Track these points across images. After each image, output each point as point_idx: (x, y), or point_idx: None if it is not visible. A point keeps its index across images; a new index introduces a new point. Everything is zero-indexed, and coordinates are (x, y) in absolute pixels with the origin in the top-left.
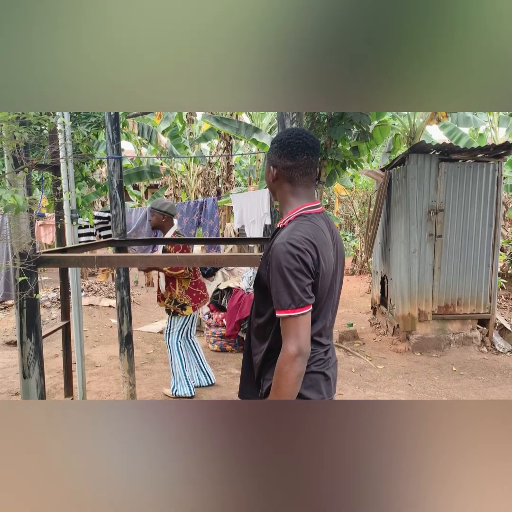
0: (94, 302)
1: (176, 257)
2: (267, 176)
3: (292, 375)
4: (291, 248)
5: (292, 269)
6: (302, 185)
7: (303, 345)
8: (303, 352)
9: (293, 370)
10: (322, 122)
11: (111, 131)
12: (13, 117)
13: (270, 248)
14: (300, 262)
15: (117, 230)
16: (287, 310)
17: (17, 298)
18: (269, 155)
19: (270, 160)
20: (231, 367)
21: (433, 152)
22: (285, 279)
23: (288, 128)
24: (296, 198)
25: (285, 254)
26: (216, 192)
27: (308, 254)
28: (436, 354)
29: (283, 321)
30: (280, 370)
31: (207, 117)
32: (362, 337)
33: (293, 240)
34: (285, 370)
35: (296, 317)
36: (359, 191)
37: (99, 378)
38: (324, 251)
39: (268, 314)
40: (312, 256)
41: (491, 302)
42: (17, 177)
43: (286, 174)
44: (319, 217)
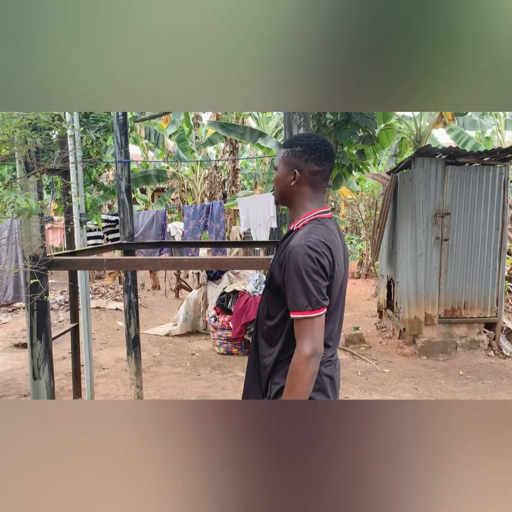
0: (101, 305)
1: (184, 260)
2: (283, 179)
3: (307, 375)
4: (309, 250)
5: (310, 271)
6: (321, 190)
7: (318, 345)
8: (318, 353)
9: (308, 370)
10: (328, 126)
11: (120, 135)
12: (26, 123)
13: (284, 250)
14: (318, 265)
15: (125, 233)
16: (304, 312)
17: (28, 300)
18: (287, 159)
19: (293, 164)
20: (237, 370)
21: (440, 156)
22: (303, 281)
23: (307, 133)
24: (311, 203)
25: (304, 256)
26: (222, 196)
27: (325, 257)
28: (443, 358)
29: (298, 322)
30: (295, 370)
31: (212, 124)
32: (368, 341)
33: (311, 243)
34: (300, 370)
35: (312, 318)
36: (365, 194)
37: (106, 380)
38: (337, 255)
39: (279, 316)
40: (328, 259)
41: (498, 305)
42: (28, 181)
43: (311, 179)
44: (331, 222)
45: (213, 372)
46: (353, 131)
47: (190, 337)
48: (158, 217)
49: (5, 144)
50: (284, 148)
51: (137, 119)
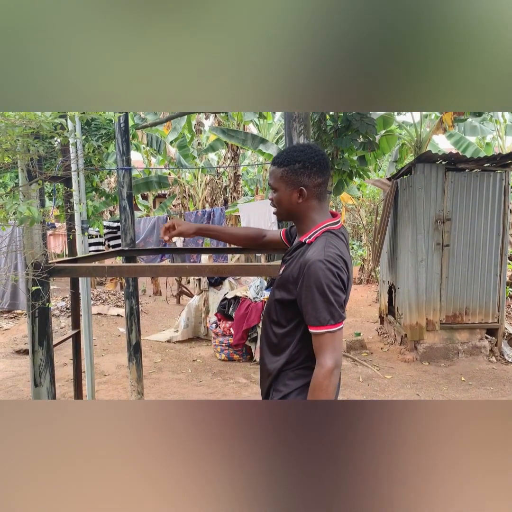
0: (103, 311)
1: (186, 267)
2: (288, 198)
3: (331, 388)
4: (330, 266)
5: (332, 286)
6: (325, 199)
7: (339, 358)
8: (339, 365)
9: (332, 383)
10: (329, 133)
11: (121, 142)
12: (28, 132)
13: (297, 263)
14: (338, 280)
15: (127, 240)
16: (326, 326)
17: (29, 307)
18: (288, 178)
19: (296, 182)
20: (239, 376)
21: (440, 162)
22: (325, 296)
23: (298, 147)
24: (319, 215)
25: (325, 271)
26: (223, 202)
27: (344, 272)
28: (444, 364)
29: (319, 337)
30: (320, 385)
31: (213, 129)
32: (370, 347)
33: (330, 257)
34: (325, 385)
35: (334, 332)
36: (366, 200)
37: (108, 387)
38: (350, 267)
39: (289, 327)
40: (346, 273)
41: (499, 311)
42: (31, 189)
43: (317, 192)
44: (341, 233)
45: (214, 378)
46: (353, 137)
47: (191, 343)
48: (160, 224)
49: (7, 152)
50: (280, 168)
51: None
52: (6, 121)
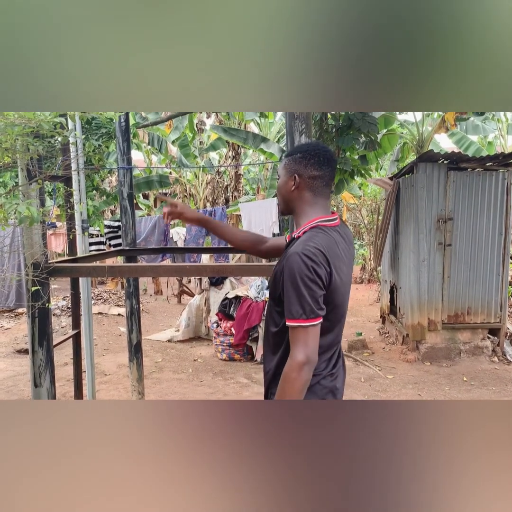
0: (103, 311)
1: (186, 267)
2: (284, 185)
3: (298, 383)
4: (305, 258)
5: (306, 279)
6: (322, 195)
7: (311, 354)
8: (311, 361)
9: (300, 378)
10: (330, 132)
11: (122, 142)
12: (28, 131)
13: (283, 257)
14: (313, 273)
15: (127, 239)
16: (298, 320)
17: (29, 307)
18: (288, 165)
19: (293, 170)
20: (240, 376)
21: (442, 161)
22: (298, 289)
23: (307, 142)
24: (313, 209)
25: (300, 264)
26: (224, 201)
27: (322, 266)
28: (446, 364)
29: (292, 330)
30: (287, 377)
31: (215, 128)
32: (371, 347)
33: (307, 251)
34: (292, 377)
35: (306, 327)
36: (367, 199)
37: (108, 387)
38: (337, 264)
39: (281, 324)
40: (326, 269)
41: (501, 311)
42: (30, 188)
43: (310, 184)
44: (334, 230)
45: (215, 378)
46: (355, 136)
47: (192, 343)
48: (161, 223)
49: (7, 151)
50: (285, 158)
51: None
52: (5, 120)
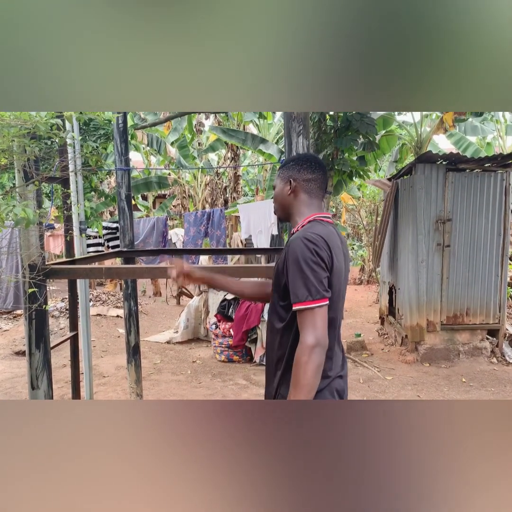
0: (102, 312)
1: None
2: (281, 191)
3: (311, 366)
4: (307, 242)
5: (308, 261)
6: (317, 197)
7: (321, 335)
8: (321, 343)
9: (311, 360)
10: (329, 133)
11: (120, 143)
12: (24, 132)
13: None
14: (316, 255)
15: (125, 241)
16: (304, 302)
17: (26, 309)
18: (283, 174)
19: (287, 176)
20: (238, 378)
21: (440, 162)
22: (302, 271)
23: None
24: (309, 209)
25: (302, 248)
26: (223, 202)
27: (323, 249)
28: (445, 365)
29: (300, 314)
30: (298, 361)
31: (213, 129)
32: (370, 348)
33: (309, 235)
34: (303, 361)
35: (313, 309)
36: (366, 200)
37: (107, 389)
38: (336, 252)
39: (288, 319)
40: (327, 252)
41: (500, 312)
42: (27, 190)
43: (305, 186)
44: (330, 225)
45: (214, 380)
46: (353, 137)
47: (191, 344)
48: (159, 224)
49: (4, 153)
50: (280, 169)
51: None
52: (1, 122)
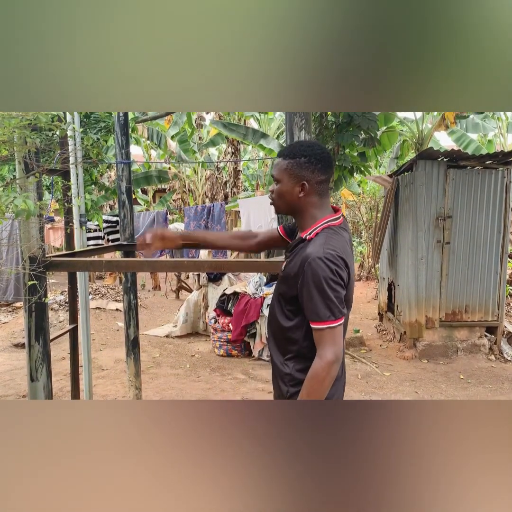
0: (101, 305)
1: (184, 263)
2: (290, 191)
3: (328, 381)
4: (329, 263)
5: (331, 282)
6: (326, 196)
7: (339, 352)
8: (339, 359)
9: (329, 376)
10: (330, 128)
11: (120, 136)
12: (25, 123)
13: (298, 259)
14: (337, 276)
15: (125, 234)
16: (326, 322)
17: (26, 302)
18: (293, 171)
19: (299, 176)
20: (237, 372)
21: (441, 159)
22: (324, 292)
23: (306, 142)
24: (320, 211)
25: (324, 268)
26: (223, 197)
27: (344, 269)
28: (443, 362)
29: (320, 332)
30: (316, 376)
31: (214, 123)
32: (369, 344)
33: (329, 255)
34: (322, 377)
35: (334, 327)
36: (366, 196)
37: (105, 382)
38: (351, 264)
39: (297, 320)
40: (346, 270)
41: (499, 309)
42: (28, 182)
43: (318, 188)
44: (342, 229)
45: (212, 374)
46: (355, 133)
47: (190, 338)
48: (159, 218)
49: (4, 144)
50: (286, 160)
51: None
52: (2, 113)
